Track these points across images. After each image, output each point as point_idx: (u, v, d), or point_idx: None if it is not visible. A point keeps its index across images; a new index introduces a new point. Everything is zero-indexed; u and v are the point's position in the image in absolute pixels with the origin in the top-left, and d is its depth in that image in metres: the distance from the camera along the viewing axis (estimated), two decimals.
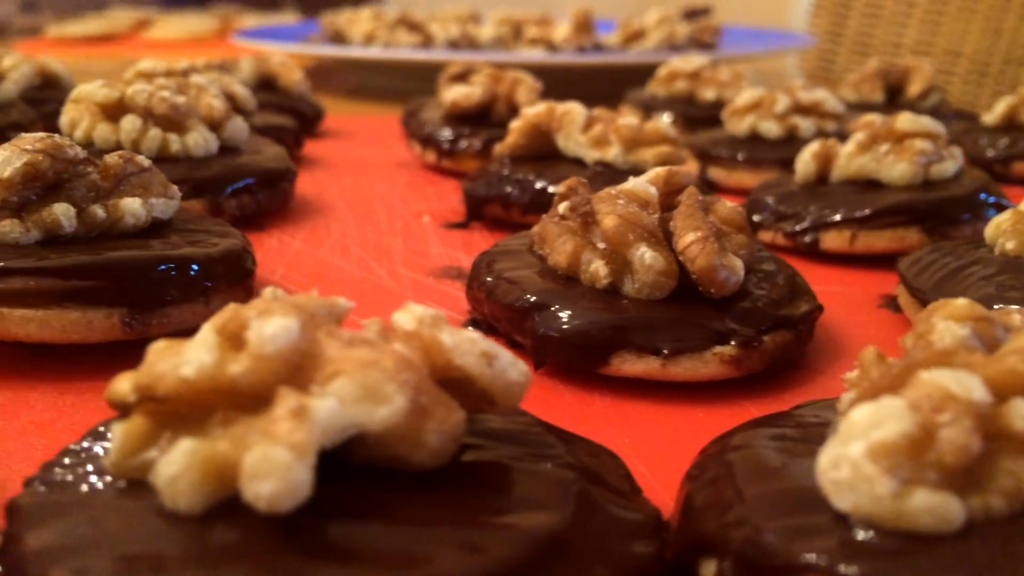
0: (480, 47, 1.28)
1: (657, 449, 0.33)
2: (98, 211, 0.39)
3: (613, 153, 0.57)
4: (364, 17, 1.48)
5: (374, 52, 1.17)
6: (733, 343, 0.37)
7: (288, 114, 0.81)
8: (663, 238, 0.39)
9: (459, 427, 0.24)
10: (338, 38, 1.43)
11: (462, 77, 0.92)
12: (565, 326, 0.37)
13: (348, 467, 0.24)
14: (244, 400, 0.23)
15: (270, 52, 0.95)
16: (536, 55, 1.18)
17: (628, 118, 0.60)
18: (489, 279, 0.41)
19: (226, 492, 0.22)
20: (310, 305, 0.25)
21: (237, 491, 0.22)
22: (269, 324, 0.23)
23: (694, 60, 0.93)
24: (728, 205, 0.42)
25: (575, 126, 0.59)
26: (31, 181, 0.38)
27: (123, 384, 0.24)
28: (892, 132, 0.56)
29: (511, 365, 0.25)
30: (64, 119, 0.54)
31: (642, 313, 0.37)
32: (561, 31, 1.34)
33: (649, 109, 0.88)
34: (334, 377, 0.23)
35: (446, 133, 0.72)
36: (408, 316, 0.25)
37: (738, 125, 0.71)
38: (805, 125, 0.70)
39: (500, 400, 0.25)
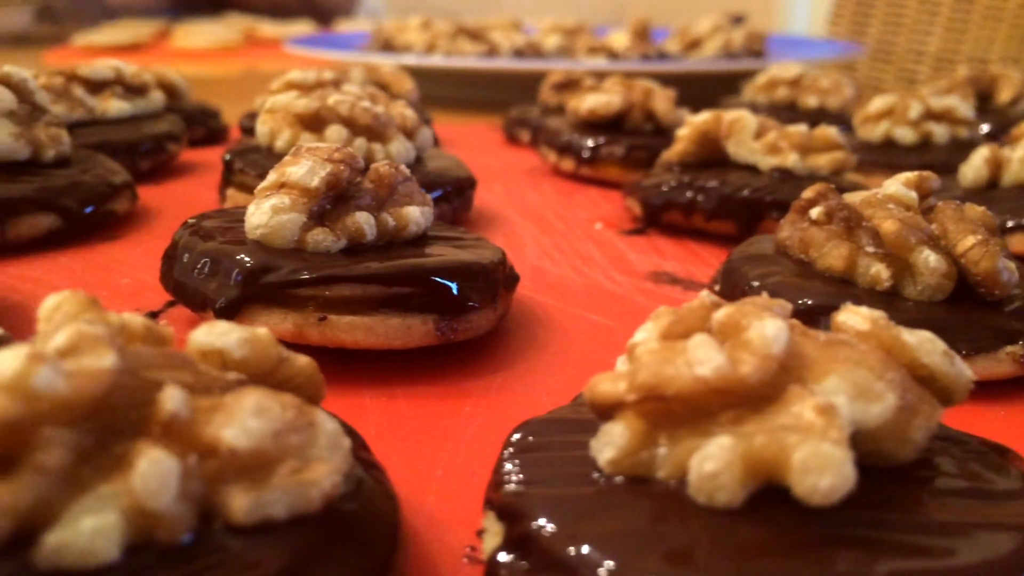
0: (545, 56, 1.29)
1: None
2: (389, 219, 0.39)
3: (792, 159, 0.58)
4: (412, 27, 1.49)
5: (470, 62, 1.18)
6: (1021, 342, 0.38)
7: None
8: (938, 241, 0.40)
9: (938, 423, 0.25)
10: (389, 47, 1.44)
11: (565, 86, 0.93)
12: None
13: None
14: (744, 399, 0.24)
15: (380, 62, 0.96)
16: (602, 63, 1.19)
17: (796, 125, 0.61)
18: (756, 283, 0.42)
19: (758, 486, 0.23)
20: (763, 305, 0.26)
21: (764, 485, 0.23)
22: (769, 325, 0.24)
23: (791, 67, 0.94)
24: (978, 209, 0.43)
25: (747, 133, 0.60)
26: (330, 190, 0.38)
27: (617, 385, 0.24)
28: None
29: (963, 363, 0.26)
30: (263, 129, 0.55)
31: (931, 315, 0.39)
32: (618, 39, 1.36)
33: None
34: (825, 376, 0.24)
35: (587, 141, 0.73)
36: (857, 317, 0.26)
37: (872, 131, 0.73)
38: (939, 131, 0.71)
39: (958, 397, 0.26)
